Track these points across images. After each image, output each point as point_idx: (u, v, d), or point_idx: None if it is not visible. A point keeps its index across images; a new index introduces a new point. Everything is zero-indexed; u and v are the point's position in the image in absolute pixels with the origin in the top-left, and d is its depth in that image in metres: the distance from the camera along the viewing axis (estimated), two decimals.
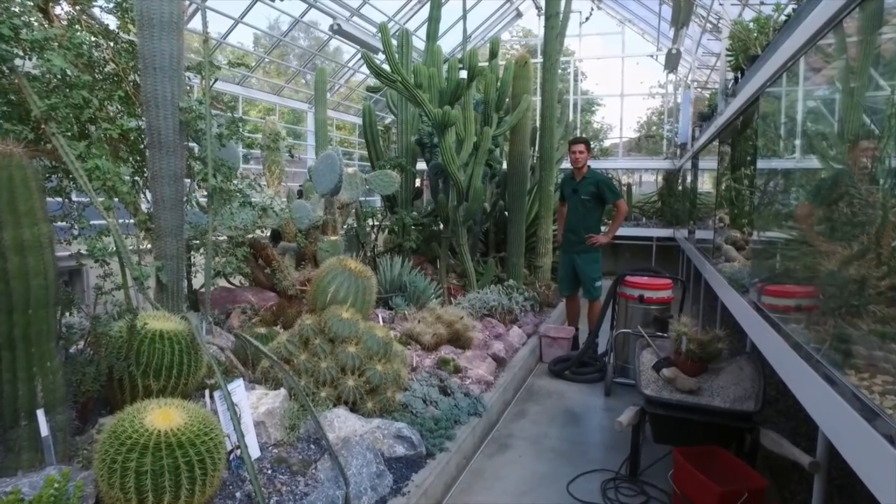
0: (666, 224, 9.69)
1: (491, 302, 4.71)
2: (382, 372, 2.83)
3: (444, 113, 4.67)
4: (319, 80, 5.73)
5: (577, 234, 4.78)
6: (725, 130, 4.05)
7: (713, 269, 4.02)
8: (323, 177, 4.37)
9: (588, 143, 4.75)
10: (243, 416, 2.15)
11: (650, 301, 3.92)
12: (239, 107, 7.81)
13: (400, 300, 4.21)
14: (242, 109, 7.12)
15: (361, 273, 3.11)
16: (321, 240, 4.27)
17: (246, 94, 7.42)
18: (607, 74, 18.56)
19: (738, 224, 4.84)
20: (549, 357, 4.67)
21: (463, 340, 3.94)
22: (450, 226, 5.47)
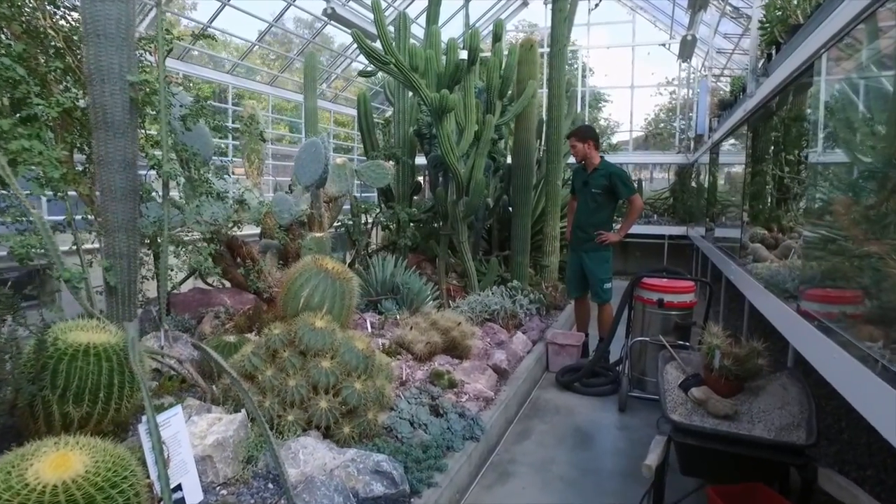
0: (679, 221, 9.23)
1: (493, 305, 4.29)
2: (361, 391, 2.41)
3: (441, 97, 4.25)
4: (309, 67, 5.33)
5: (586, 230, 4.35)
6: (756, 114, 3.60)
7: (741, 270, 3.58)
8: (306, 167, 3.96)
9: (581, 135, 4.32)
10: (181, 451, 1.75)
11: (671, 306, 3.49)
12: (229, 97, 7.42)
13: (390, 304, 3.80)
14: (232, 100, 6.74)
15: (340, 275, 2.69)
16: (303, 237, 3.87)
17: (237, 84, 7.03)
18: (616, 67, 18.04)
19: (774, 219, 4.39)
20: (556, 366, 4.24)
21: (460, 349, 3.53)
22: (449, 222, 5.05)
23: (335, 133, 10.13)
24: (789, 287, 2.42)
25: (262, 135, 3.29)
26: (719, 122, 6.11)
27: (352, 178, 4.45)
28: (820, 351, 1.97)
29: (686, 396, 2.41)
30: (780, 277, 2.56)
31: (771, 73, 3.25)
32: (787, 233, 4.54)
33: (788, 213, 4.60)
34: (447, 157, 4.48)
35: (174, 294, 4.04)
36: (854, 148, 2.09)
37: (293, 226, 4.07)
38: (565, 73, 6.46)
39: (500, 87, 5.33)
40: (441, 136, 4.42)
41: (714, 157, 5.96)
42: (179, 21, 17.30)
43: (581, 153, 4.32)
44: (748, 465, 2.10)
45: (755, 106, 3.45)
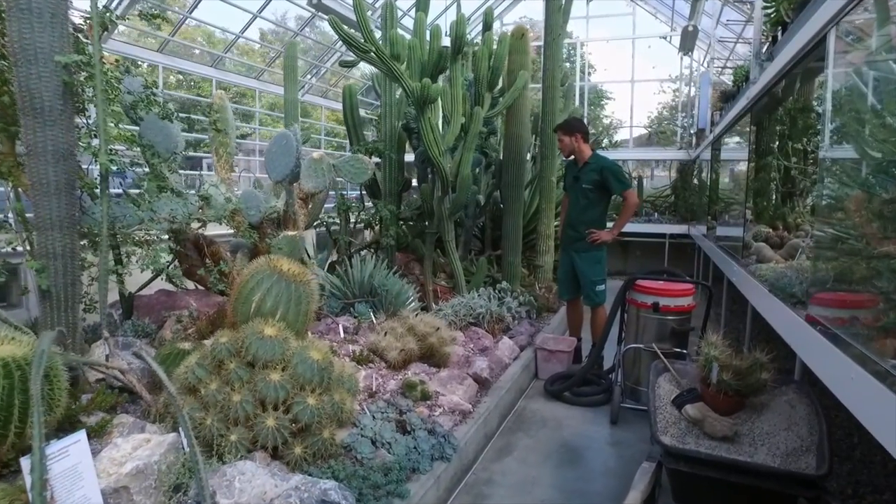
0: (680, 220, 8.94)
1: (477, 308, 4.03)
2: (315, 407, 2.16)
3: (423, 86, 3.99)
4: (289, 57, 5.08)
5: (577, 229, 4.07)
6: (760, 102, 3.33)
7: (743, 271, 3.31)
8: (276, 160, 3.70)
9: (568, 128, 4.05)
10: (83, 485, 1.49)
11: (667, 310, 3.22)
12: (213, 90, 7.18)
13: (363, 307, 3.54)
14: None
15: (296, 277, 2.44)
16: (272, 235, 3.61)
17: (221, 78, 6.80)
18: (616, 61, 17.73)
19: (779, 216, 4.12)
20: (545, 373, 3.98)
21: (438, 357, 3.27)
22: (435, 220, 4.79)
23: (329, 130, 9.87)
24: (797, 291, 2.15)
25: (216, 125, 3.03)
26: (721, 115, 5.82)
27: (329, 173, 4.19)
28: (832, 366, 1.71)
29: (680, 414, 2.14)
30: (786, 280, 2.29)
31: (776, 56, 2.97)
32: (792, 231, 4.27)
33: (795, 210, 4.33)
34: (430, 151, 4.22)
35: (138, 296, 3.79)
36: (863, 141, 1.82)
37: (264, 224, 3.82)
38: (561, 66, 6.19)
39: (490, 77, 5.06)
40: (423, 128, 4.16)
41: (716, 152, 5.68)
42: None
43: (568, 147, 4.04)
44: (750, 496, 1.84)
45: (759, 93, 3.17)
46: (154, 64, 5.91)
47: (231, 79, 7.05)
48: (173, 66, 5.89)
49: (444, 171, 4.36)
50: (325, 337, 3.42)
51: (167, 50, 6.18)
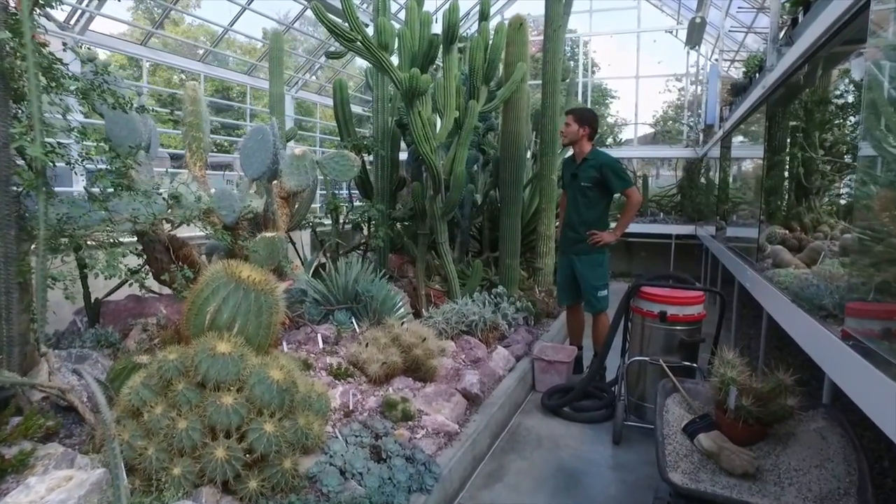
0: (687, 220, 8.63)
1: (470, 316, 3.75)
2: (273, 434, 1.89)
3: (411, 77, 3.71)
4: (275, 48, 4.81)
5: (577, 230, 3.79)
6: (777, 92, 3.03)
7: (758, 276, 3.02)
8: (252, 156, 3.44)
9: (580, 116, 3.75)
10: None
11: (675, 320, 2.93)
12: (201, 86, 6.93)
13: (343, 315, 3.26)
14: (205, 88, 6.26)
15: (258, 285, 2.17)
16: (246, 237, 3.35)
17: (208, 73, 6.55)
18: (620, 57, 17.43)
19: (795, 216, 3.82)
20: (543, 385, 3.70)
21: (424, 371, 2.99)
22: (428, 220, 4.52)
23: (324, 127, 9.62)
24: (827, 303, 1.86)
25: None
26: (731, 109, 5.53)
27: (313, 170, 3.93)
28: (875, 394, 1.42)
29: (692, 445, 1.86)
30: (813, 289, 2.00)
31: (796, 39, 2.68)
32: (809, 231, 3.97)
33: (813, 209, 4.03)
34: (420, 147, 3.95)
35: (106, 302, 3.54)
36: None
37: (240, 225, 3.55)
38: (562, 59, 5.91)
39: (486, 70, 4.79)
40: (413, 123, 3.89)
41: (725, 149, 5.38)
42: (184, 18, 16.92)
43: (572, 135, 3.74)
44: None
45: (776, 81, 2.88)
46: (137, 57, 5.67)
47: (219, 74, 6.80)
48: (156, 59, 5.63)
49: (436, 169, 4.09)
50: (302, 347, 3.15)
51: (170, 48, 5.96)
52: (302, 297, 3.71)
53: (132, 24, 4.98)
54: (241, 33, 6.82)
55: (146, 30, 5.54)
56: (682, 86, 13.83)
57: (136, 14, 19.58)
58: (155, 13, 18.43)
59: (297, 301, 3.70)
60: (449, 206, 4.30)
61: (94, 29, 5.13)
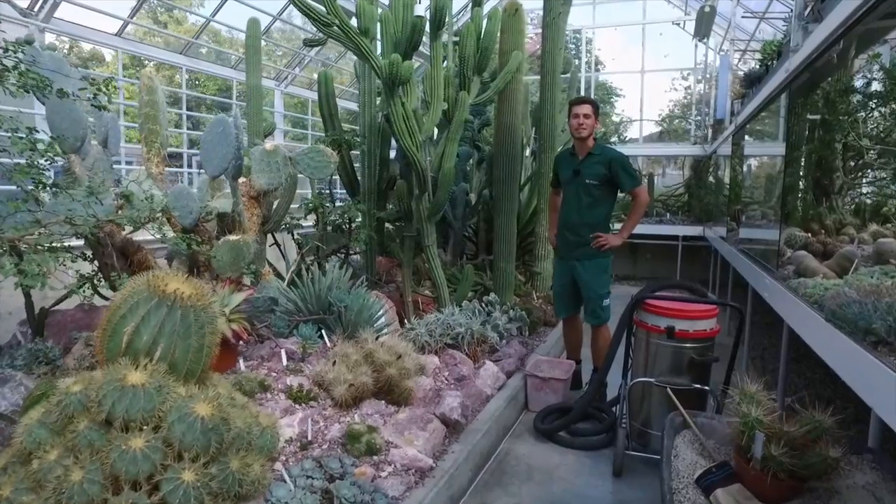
0: (694, 220, 8.25)
1: (456, 327, 3.39)
2: (194, 483, 1.54)
3: (391, 63, 3.36)
4: (251, 37, 4.48)
5: (578, 232, 3.42)
6: (801, 77, 2.66)
7: (780, 286, 2.65)
8: (212, 151, 3.11)
9: (596, 106, 3.38)
10: None
11: (684, 336, 2.56)
12: (183, 80, 6.62)
13: (309, 329, 2.91)
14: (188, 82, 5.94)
15: (189, 300, 1.82)
16: (197, 241, 3.01)
17: (190, 66, 6.23)
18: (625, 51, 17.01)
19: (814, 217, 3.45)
20: (537, 405, 3.34)
21: (398, 393, 2.64)
22: (414, 222, 4.17)
23: (315, 123, 9.28)
24: (878, 327, 1.50)
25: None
26: (743, 103, 5.15)
27: (285, 166, 3.59)
28: None
29: (708, 502, 1.50)
30: (856, 308, 1.63)
31: (827, 15, 2.31)
32: (833, 234, 3.59)
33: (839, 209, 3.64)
34: (402, 141, 3.60)
35: (53, 312, 3.21)
36: None
37: (201, 228, 3.22)
38: (562, 49, 5.55)
39: (479, 59, 4.43)
40: (394, 114, 3.54)
41: (738, 145, 5.00)
42: (187, 17, 16.62)
43: (590, 129, 3.36)
44: None
45: (802, 63, 2.50)
46: (113, 48, 5.37)
47: (203, 67, 6.48)
48: (132, 50, 5.32)
49: (420, 166, 3.74)
50: (264, 365, 2.81)
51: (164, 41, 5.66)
52: (272, 306, 3.37)
53: (101, 12, 4.66)
54: (225, 24, 6.51)
55: (121, 19, 5.22)
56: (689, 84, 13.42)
57: (140, 14, 19.37)
58: (156, 11, 18.18)
59: (267, 311, 3.36)
60: (436, 207, 3.95)
61: (62, 17, 4.81)
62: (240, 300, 2.75)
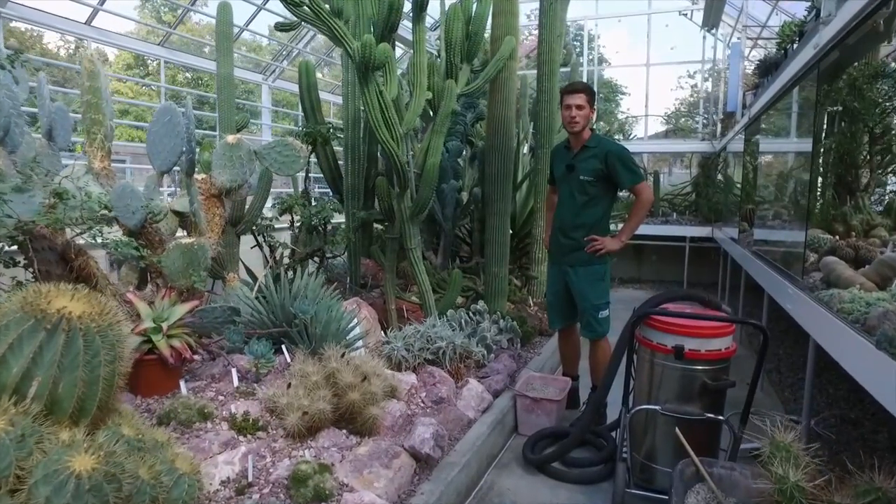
0: (702, 220, 7.85)
1: (437, 341, 3.03)
2: None
3: (363, 46, 3.01)
4: (222, 22, 4.14)
5: (572, 235, 3.06)
6: (831, 55, 2.28)
7: (808, 298, 2.27)
8: (160, 143, 2.76)
9: (591, 94, 3.01)
10: None
11: (695, 357, 2.19)
12: (161, 72, 6.31)
13: (263, 346, 2.55)
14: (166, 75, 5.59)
15: (81, 322, 1.46)
16: (142, 245, 2.67)
17: (168, 57, 5.90)
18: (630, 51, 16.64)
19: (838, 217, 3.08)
20: (527, 428, 2.98)
21: (361, 421, 2.28)
22: (396, 222, 3.81)
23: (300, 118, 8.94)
24: None
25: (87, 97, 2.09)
26: (756, 94, 4.76)
27: (250, 162, 3.24)
28: None
29: None
30: None
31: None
32: (861, 236, 3.21)
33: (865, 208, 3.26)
34: (378, 133, 3.24)
35: None
36: None
37: (149, 230, 2.87)
38: (561, 37, 5.18)
39: (468, 46, 4.07)
40: (368, 103, 3.18)
41: (751, 139, 4.61)
42: (190, 16, 16.33)
43: (584, 121, 2.99)
44: None
45: (835, 37, 2.12)
46: (80, 37, 5.05)
47: (182, 59, 6.14)
48: (100, 39, 5.00)
49: (399, 161, 3.38)
50: (212, 386, 2.45)
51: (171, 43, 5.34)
52: (232, 317, 3.01)
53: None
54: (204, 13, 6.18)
55: (90, 6, 4.90)
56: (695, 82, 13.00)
57: (143, 12, 19.09)
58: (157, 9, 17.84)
59: (227, 322, 3.01)
60: (419, 206, 3.59)
61: (22, 1, 4.49)
62: (183, 312, 2.40)
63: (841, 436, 3.01)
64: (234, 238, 4.33)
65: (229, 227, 4.30)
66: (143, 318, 2.30)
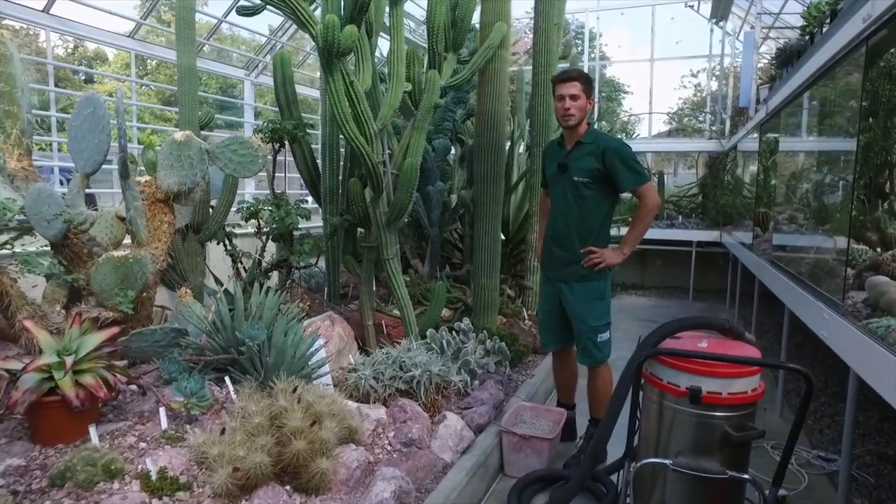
0: (710, 224, 7.43)
1: (412, 368, 2.62)
2: None
3: (326, 27, 2.61)
4: (183, 8, 3.75)
5: (567, 245, 2.65)
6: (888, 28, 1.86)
7: (855, 329, 1.86)
8: (83, 140, 2.37)
9: (587, 81, 2.60)
10: None
11: (715, 401, 1.78)
12: (132, 65, 5.93)
13: (193, 383, 2.12)
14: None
15: None
16: (61, 260, 2.27)
17: (140, 50, 5.51)
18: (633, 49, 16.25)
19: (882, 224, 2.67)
20: (515, 468, 2.57)
21: (307, 477, 1.88)
22: (372, 230, 3.42)
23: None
24: None
25: None
26: (773, 87, 4.34)
27: (201, 162, 2.84)
28: None
29: None
30: None
31: None
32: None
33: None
34: (344, 129, 2.84)
35: None
36: None
37: (73, 241, 2.47)
38: (558, 25, 4.77)
39: (454, 31, 3.68)
40: (333, 94, 2.78)
41: (769, 135, 4.19)
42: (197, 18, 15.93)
43: (580, 113, 2.57)
44: None
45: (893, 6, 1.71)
46: (34, 26, 4.67)
47: (149, 51, 5.75)
48: (59, 28, 4.62)
49: (370, 161, 2.98)
50: (135, 430, 2.06)
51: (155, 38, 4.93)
52: (176, 340, 2.62)
53: None
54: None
55: None
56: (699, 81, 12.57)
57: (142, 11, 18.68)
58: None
59: (172, 345, 2.62)
60: (396, 211, 3.19)
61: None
62: (98, 342, 2.00)
63: (881, 478, 2.60)
64: (198, 246, 3.94)
65: (192, 234, 3.92)
66: (45, 349, 1.91)
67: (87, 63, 18.04)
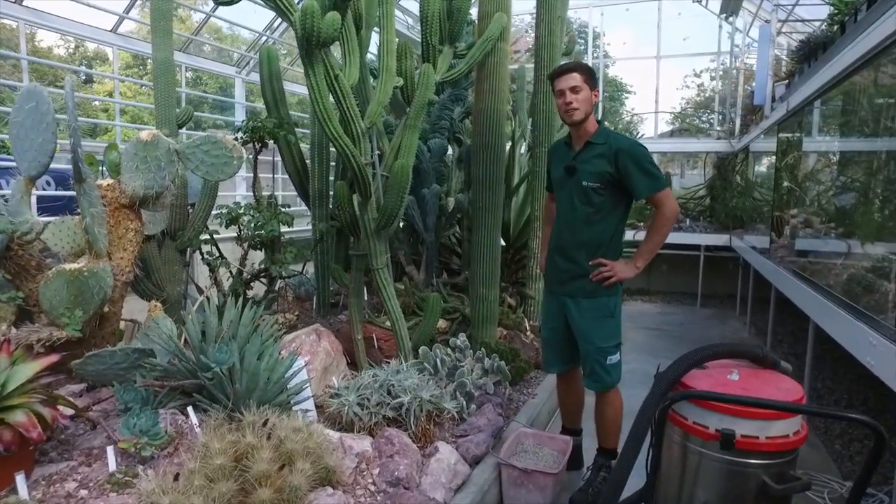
0: (718, 227, 7.15)
1: (401, 393, 2.35)
2: None
3: (304, 14, 2.34)
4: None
5: (573, 257, 2.38)
6: None
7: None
8: (25, 139, 2.10)
9: (588, 72, 2.32)
10: None
11: (750, 447, 1.51)
12: (114, 62, 5.68)
13: (146, 419, 1.84)
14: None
15: None
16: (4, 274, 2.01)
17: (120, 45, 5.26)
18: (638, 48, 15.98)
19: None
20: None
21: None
22: (361, 237, 3.15)
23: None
24: None
25: None
26: (793, 84, 4.07)
27: (170, 164, 2.58)
28: None
29: None
30: None
31: None
32: None
33: None
34: (326, 127, 2.58)
35: None
36: None
37: (17, 253, 2.21)
38: (560, 18, 4.50)
39: (450, 23, 3.41)
40: (313, 88, 2.52)
41: (788, 134, 3.91)
42: (191, 15, 15.67)
43: (585, 107, 2.30)
44: None
45: None
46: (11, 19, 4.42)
47: (134, 47, 5.50)
48: (34, 21, 4.38)
49: (356, 163, 2.71)
50: (77, 472, 1.79)
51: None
52: (139, 361, 2.36)
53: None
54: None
55: None
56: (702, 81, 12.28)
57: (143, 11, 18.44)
58: None
59: (135, 367, 2.36)
60: (385, 216, 2.92)
61: None
62: (31, 373, 1.73)
63: None
64: (175, 254, 3.67)
65: (169, 242, 3.66)
66: None
67: (86, 63, 17.79)
